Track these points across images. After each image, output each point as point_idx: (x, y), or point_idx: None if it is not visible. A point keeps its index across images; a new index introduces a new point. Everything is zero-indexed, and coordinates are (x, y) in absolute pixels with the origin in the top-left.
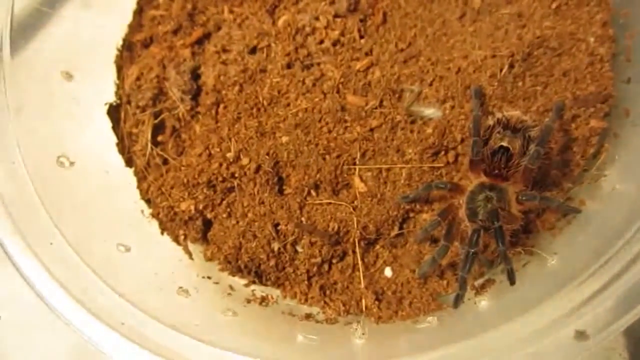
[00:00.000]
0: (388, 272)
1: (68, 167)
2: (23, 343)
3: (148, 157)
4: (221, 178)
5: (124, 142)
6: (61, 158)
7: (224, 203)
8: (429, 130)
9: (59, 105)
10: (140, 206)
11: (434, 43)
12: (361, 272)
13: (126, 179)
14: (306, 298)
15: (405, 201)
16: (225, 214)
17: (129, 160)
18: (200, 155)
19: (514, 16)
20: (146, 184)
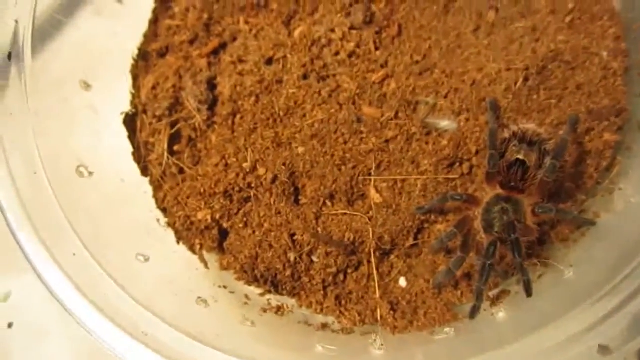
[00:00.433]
0: (403, 282)
1: (87, 177)
2: (35, 350)
3: (164, 167)
4: (238, 188)
5: (140, 152)
6: (80, 168)
7: (241, 213)
8: (444, 142)
9: (78, 114)
10: (156, 215)
11: (449, 55)
12: (376, 282)
13: (142, 188)
14: (322, 308)
15: (420, 212)
16: (241, 224)
17: (145, 169)
18: (216, 165)
19: (528, 30)
20: (162, 193)
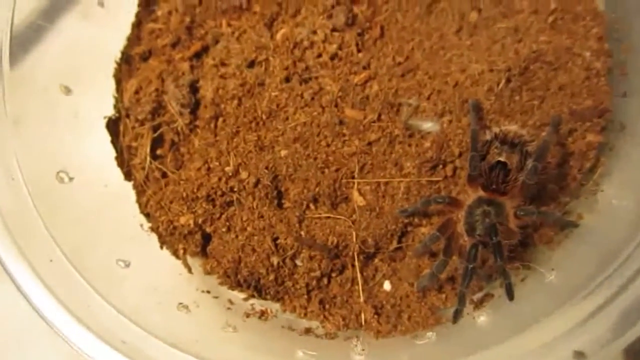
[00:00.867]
0: (387, 286)
1: (67, 183)
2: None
3: (147, 171)
4: (220, 192)
5: (123, 156)
6: (61, 173)
7: (223, 217)
8: (427, 144)
9: (58, 119)
10: (139, 220)
11: (432, 57)
12: (360, 286)
13: (125, 193)
14: (305, 312)
15: (403, 215)
16: (224, 228)
17: (128, 173)
18: (199, 169)
19: (511, 30)
20: (145, 198)
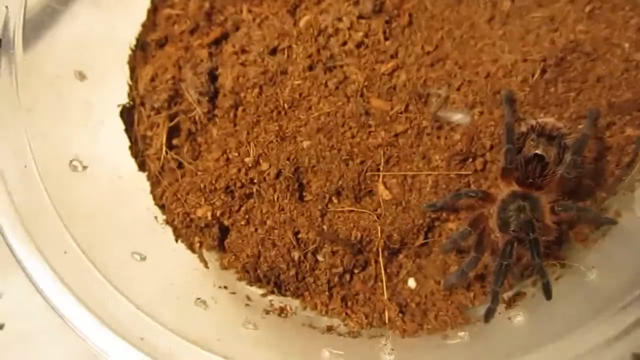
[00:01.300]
0: (412, 283)
1: (81, 171)
2: (28, 352)
3: (162, 161)
4: (239, 184)
5: (137, 146)
6: (74, 162)
7: (242, 210)
8: (457, 136)
9: (71, 106)
10: (153, 212)
11: (462, 46)
12: (384, 283)
13: (139, 184)
14: (327, 309)
15: (431, 210)
16: (243, 221)
17: (142, 164)
18: (217, 159)
19: (546, 20)
20: (160, 189)
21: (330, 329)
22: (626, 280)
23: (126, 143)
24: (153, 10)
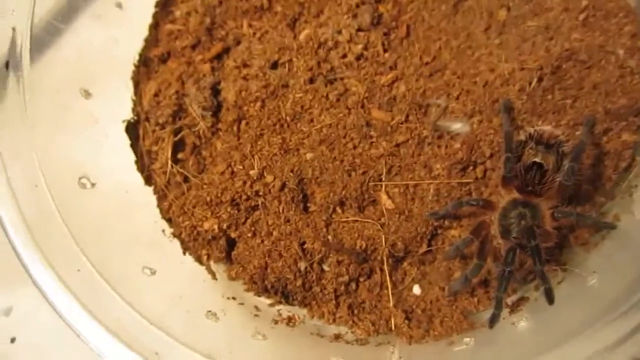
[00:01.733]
0: (417, 290)
1: (90, 189)
2: None
3: (168, 175)
4: (245, 196)
5: (143, 160)
6: (82, 179)
7: (249, 222)
8: (457, 145)
9: (78, 123)
10: (160, 226)
11: (460, 56)
12: (389, 290)
13: (145, 198)
14: (334, 318)
15: (434, 218)
16: (249, 233)
17: (148, 178)
18: (222, 173)
19: (541, 28)
20: (167, 203)
21: (338, 337)
22: (627, 283)
23: (132, 158)
24: (155, 25)
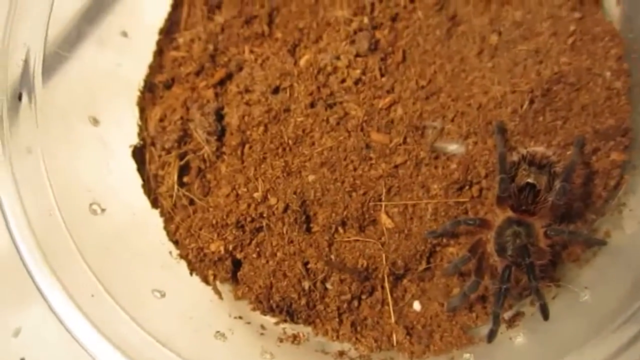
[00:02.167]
0: (417, 306)
1: (100, 214)
2: None
3: (175, 199)
4: (250, 218)
5: (150, 184)
6: (93, 205)
7: (253, 243)
8: (453, 165)
9: (87, 149)
10: (167, 247)
11: (454, 79)
12: (391, 307)
13: (152, 221)
14: (337, 335)
15: (432, 236)
16: (255, 254)
17: (155, 201)
18: (227, 195)
19: (532, 52)
20: (174, 225)
21: (342, 354)
22: (619, 297)
23: (139, 182)
24: (159, 52)
